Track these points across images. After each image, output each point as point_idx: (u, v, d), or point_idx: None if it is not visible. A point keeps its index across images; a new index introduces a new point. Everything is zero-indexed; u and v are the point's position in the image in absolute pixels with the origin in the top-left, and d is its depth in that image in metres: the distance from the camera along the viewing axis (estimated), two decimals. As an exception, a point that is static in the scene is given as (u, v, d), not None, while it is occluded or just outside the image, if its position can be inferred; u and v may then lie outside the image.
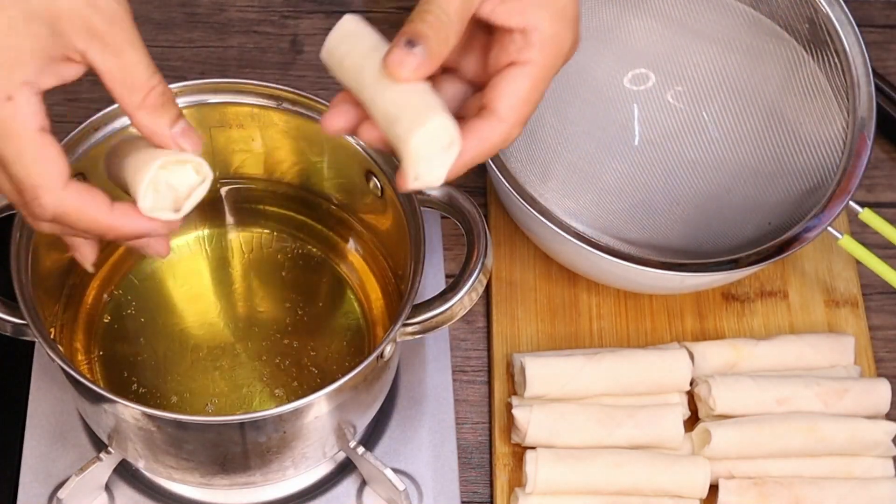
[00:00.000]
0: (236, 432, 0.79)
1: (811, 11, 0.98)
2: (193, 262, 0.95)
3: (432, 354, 0.98)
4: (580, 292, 1.03)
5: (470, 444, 0.97)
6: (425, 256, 0.82)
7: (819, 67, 0.99)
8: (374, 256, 0.94)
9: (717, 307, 1.03)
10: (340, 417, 0.83)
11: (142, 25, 1.15)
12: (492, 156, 0.78)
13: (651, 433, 0.93)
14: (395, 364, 0.89)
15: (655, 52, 1.04)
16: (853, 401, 0.95)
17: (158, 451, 0.81)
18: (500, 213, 1.06)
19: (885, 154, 1.12)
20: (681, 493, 0.92)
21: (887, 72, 1.15)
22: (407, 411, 0.96)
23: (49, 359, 0.78)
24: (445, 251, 1.04)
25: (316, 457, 0.86)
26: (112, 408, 0.78)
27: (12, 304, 0.79)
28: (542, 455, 0.91)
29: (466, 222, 0.84)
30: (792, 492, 0.92)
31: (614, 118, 1.05)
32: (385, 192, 0.88)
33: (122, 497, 0.91)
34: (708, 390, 0.95)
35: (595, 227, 0.97)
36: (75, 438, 0.93)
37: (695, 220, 1.01)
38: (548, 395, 0.95)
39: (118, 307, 0.92)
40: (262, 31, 1.16)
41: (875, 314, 1.05)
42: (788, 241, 0.92)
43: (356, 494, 0.92)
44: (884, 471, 0.95)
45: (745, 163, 1.02)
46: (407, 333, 0.82)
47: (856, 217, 0.97)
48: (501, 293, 1.02)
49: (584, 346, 1.01)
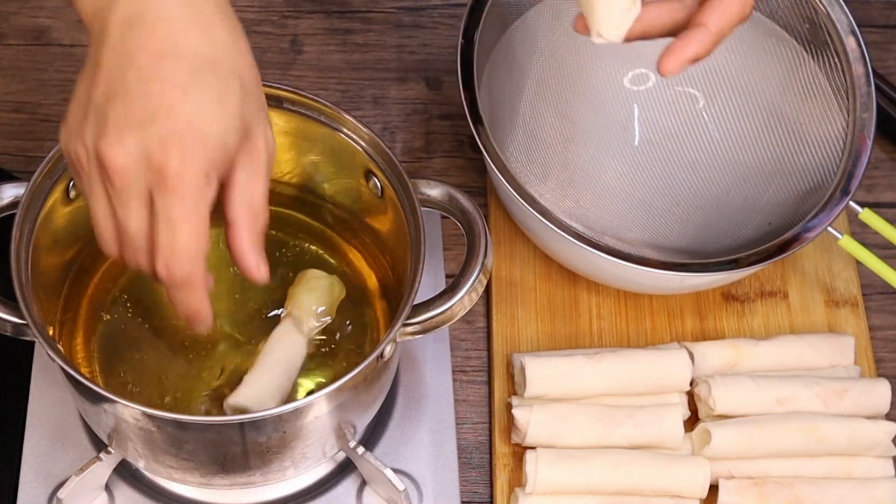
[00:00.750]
0: (236, 432, 0.79)
1: (811, 11, 0.98)
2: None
3: (432, 354, 0.98)
4: (580, 292, 1.03)
5: (470, 444, 0.97)
6: (425, 256, 0.82)
7: (819, 67, 0.99)
8: (374, 256, 0.94)
9: (717, 307, 1.03)
10: (340, 417, 0.83)
11: (142, 25, 1.16)
12: (733, 28, 0.80)
13: (651, 433, 0.93)
14: (395, 364, 0.89)
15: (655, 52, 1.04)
16: (853, 401, 0.95)
17: (158, 451, 0.81)
18: (500, 213, 1.06)
19: (885, 154, 1.12)
20: (681, 493, 0.92)
21: (887, 72, 1.15)
22: (407, 411, 0.96)
23: (49, 359, 0.78)
24: (445, 251, 1.04)
25: (316, 457, 0.86)
26: (112, 408, 0.78)
27: (12, 304, 0.79)
28: (542, 455, 0.91)
29: (466, 222, 0.84)
30: (792, 492, 0.92)
31: (614, 118, 1.05)
32: (385, 192, 0.88)
33: (122, 497, 0.91)
34: (708, 390, 0.95)
35: (595, 227, 0.97)
36: (75, 438, 0.93)
37: (695, 220, 1.01)
38: (548, 396, 0.95)
39: (118, 307, 0.92)
40: (262, 31, 1.16)
41: (875, 314, 1.05)
42: (788, 242, 0.92)
43: (356, 494, 0.92)
44: (884, 471, 0.95)
45: (745, 163, 1.02)
46: (407, 333, 0.82)
47: (856, 217, 0.97)
48: (501, 293, 1.02)
49: (584, 346, 1.01)
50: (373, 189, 0.89)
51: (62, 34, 1.15)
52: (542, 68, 1.03)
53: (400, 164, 0.85)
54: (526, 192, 0.93)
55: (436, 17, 1.17)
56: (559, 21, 1.03)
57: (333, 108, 0.87)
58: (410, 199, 0.84)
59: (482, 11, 0.98)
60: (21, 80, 1.12)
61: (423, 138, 1.11)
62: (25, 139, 1.09)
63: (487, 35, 0.98)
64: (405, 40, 1.15)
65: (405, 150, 1.10)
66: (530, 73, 1.03)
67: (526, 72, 1.02)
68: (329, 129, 0.88)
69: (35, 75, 1.12)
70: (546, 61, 1.03)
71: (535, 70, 1.03)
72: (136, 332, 0.91)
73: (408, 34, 1.16)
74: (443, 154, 1.10)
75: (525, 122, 1.02)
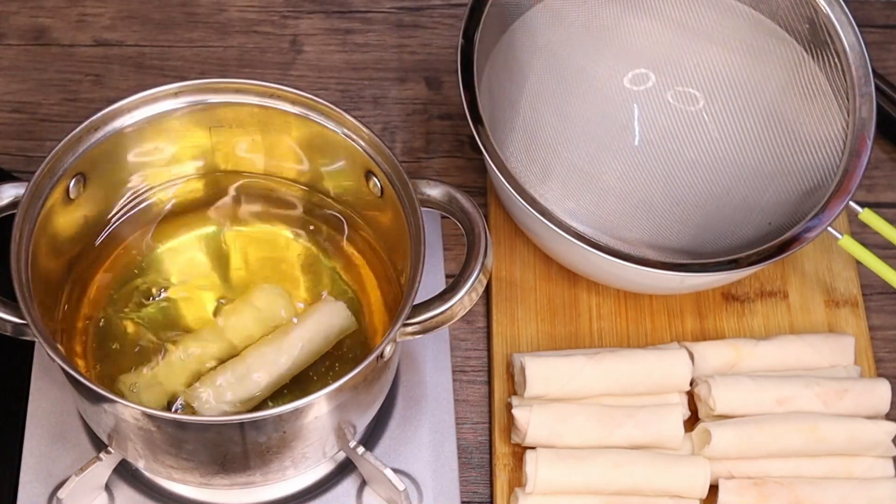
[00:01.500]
0: (236, 432, 0.79)
1: (811, 12, 0.98)
2: (194, 260, 0.95)
3: (432, 354, 0.98)
4: (580, 292, 1.03)
5: (470, 444, 0.97)
6: (425, 256, 0.82)
7: (819, 67, 0.99)
8: (375, 256, 0.94)
9: (717, 307, 1.03)
10: (340, 417, 0.83)
11: (142, 25, 1.16)
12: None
13: (651, 433, 0.93)
14: (395, 364, 0.89)
15: (655, 52, 1.04)
16: (853, 401, 0.95)
17: (158, 451, 0.81)
18: (500, 213, 1.06)
19: (885, 154, 1.12)
20: (681, 493, 0.92)
21: (887, 72, 1.15)
22: (407, 411, 0.96)
23: (49, 359, 0.78)
24: (445, 251, 1.04)
25: (316, 457, 0.86)
26: (112, 407, 0.78)
27: (12, 304, 0.79)
28: (542, 455, 0.91)
29: (466, 222, 0.84)
30: (792, 492, 0.92)
31: (614, 118, 1.05)
32: (385, 192, 0.88)
33: (122, 497, 0.91)
34: (708, 390, 0.95)
35: (595, 227, 0.97)
36: (75, 438, 0.93)
37: (695, 220, 1.01)
38: (548, 396, 0.95)
39: (118, 306, 0.92)
40: (262, 31, 1.16)
41: (875, 314, 1.05)
42: (788, 242, 0.92)
43: (356, 494, 0.92)
44: (884, 471, 0.95)
45: (745, 163, 1.02)
46: (407, 333, 0.82)
47: (856, 217, 0.97)
48: (501, 293, 1.02)
49: (584, 346, 1.01)
50: (373, 189, 0.89)
51: (62, 34, 1.15)
52: (542, 68, 1.03)
53: (400, 165, 0.85)
54: (526, 192, 0.93)
55: (436, 18, 1.17)
56: (559, 21, 1.03)
57: (333, 108, 0.87)
58: (411, 199, 0.84)
59: (482, 11, 0.98)
60: (21, 80, 1.12)
61: (423, 138, 1.11)
62: (25, 139, 1.09)
63: (487, 35, 0.98)
64: (405, 40, 1.15)
65: (405, 150, 1.10)
66: (530, 73, 1.03)
67: (526, 72, 1.03)
68: (329, 130, 0.88)
69: (35, 75, 1.12)
70: (546, 61, 1.03)
71: (535, 70, 1.03)
72: (136, 332, 0.91)
73: (408, 34, 1.16)
74: (443, 154, 1.10)
75: (525, 122, 1.02)
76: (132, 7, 1.17)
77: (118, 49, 1.14)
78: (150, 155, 0.90)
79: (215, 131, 0.90)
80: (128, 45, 1.15)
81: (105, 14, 1.16)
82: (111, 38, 1.15)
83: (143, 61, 1.14)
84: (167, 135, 0.89)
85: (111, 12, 1.16)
